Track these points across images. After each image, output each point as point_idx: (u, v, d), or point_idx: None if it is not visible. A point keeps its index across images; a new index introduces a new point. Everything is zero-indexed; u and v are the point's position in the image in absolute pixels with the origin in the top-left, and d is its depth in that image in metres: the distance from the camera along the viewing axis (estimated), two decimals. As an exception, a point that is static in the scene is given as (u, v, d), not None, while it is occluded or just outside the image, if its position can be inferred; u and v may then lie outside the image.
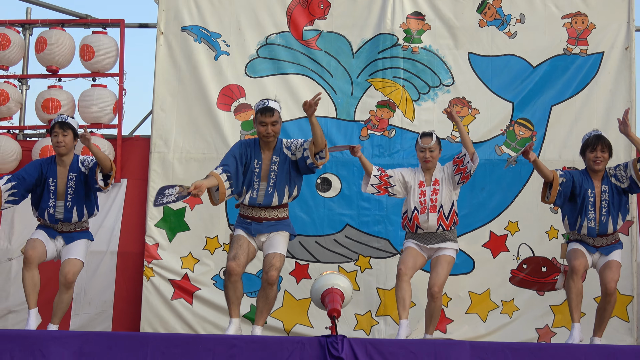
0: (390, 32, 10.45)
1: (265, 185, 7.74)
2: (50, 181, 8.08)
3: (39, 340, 6.73)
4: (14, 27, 11.03)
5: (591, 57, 10.34)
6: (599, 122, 10.07)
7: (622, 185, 7.94)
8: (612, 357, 6.60)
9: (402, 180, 8.21)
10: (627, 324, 9.96)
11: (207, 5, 10.61)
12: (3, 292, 10.55)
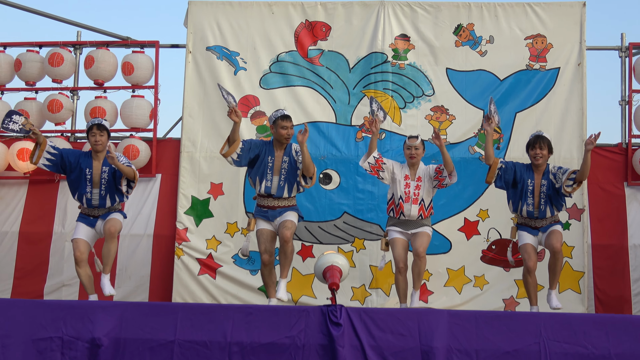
0: (381, 51, 10.41)
1: (278, 178, 8.07)
2: (86, 171, 8.16)
3: (88, 309, 6.70)
4: (66, 48, 10.98)
5: (549, 72, 10.27)
6: (556, 127, 10.11)
7: (557, 185, 7.99)
8: (567, 323, 6.51)
9: (391, 170, 8.27)
10: (579, 296, 9.92)
11: (228, 29, 10.58)
12: (58, 268, 10.47)
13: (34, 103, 10.92)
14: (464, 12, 10.43)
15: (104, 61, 10.81)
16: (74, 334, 6.48)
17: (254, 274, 10.11)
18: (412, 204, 8.18)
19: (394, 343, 6.39)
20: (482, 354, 6.35)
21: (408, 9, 10.46)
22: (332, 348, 6.35)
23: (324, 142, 10.11)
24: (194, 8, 10.66)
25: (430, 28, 10.42)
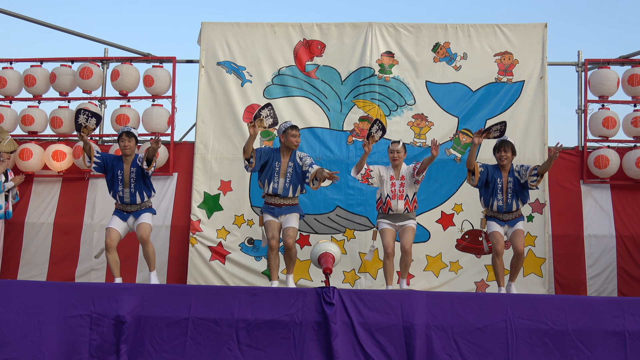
0: (369, 66, 10.40)
1: (284, 181, 8.22)
2: (118, 172, 8.30)
3: (113, 290, 6.72)
4: (95, 63, 10.94)
5: (515, 84, 10.26)
6: (521, 132, 10.12)
7: (522, 180, 8.13)
8: (530, 302, 6.54)
9: (378, 174, 8.35)
10: (541, 279, 9.92)
11: (235, 46, 10.57)
12: (88, 255, 10.45)
13: (67, 111, 10.88)
14: (441, 32, 10.43)
15: (127, 74, 10.81)
16: (101, 312, 6.49)
17: (258, 259, 10.14)
18: (399, 199, 8.29)
19: (379, 320, 6.40)
20: (456, 330, 6.36)
21: (392, 29, 10.46)
22: (326, 324, 6.36)
23: (319, 146, 10.12)
24: (206, 28, 10.67)
25: (411, 46, 10.42)
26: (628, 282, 9.93)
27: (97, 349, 6.43)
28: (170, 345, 6.42)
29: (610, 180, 10.28)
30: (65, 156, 10.65)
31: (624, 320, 6.30)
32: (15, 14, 11.24)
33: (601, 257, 10.03)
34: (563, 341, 6.30)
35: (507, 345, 6.32)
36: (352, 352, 6.35)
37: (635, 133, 10.26)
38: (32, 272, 10.43)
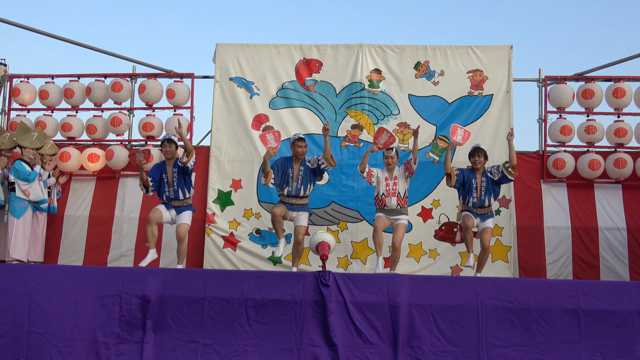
0: (360, 81, 10.39)
1: (296, 184, 8.39)
2: (164, 176, 8.46)
3: (140, 273, 6.71)
4: (125, 78, 10.94)
5: (485, 97, 10.25)
6: (490, 139, 10.12)
7: (495, 178, 8.33)
8: (497, 284, 6.55)
9: (377, 176, 8.45)
10: (507, 264, 9.91)
11: (245, 64, 10.56)
12: (118, 243, 10.47)
13: (100, 120, 10.88)
14: (422, 52, 10.41)
15: (153, 88, 10.78)
16: (130, 292, 6.49)
17: (264, 247, 10.12)
18: (392, 196, 8.36)
19: (369, 299, 6.40)
20: (435, 307, 6.36)
21: (380, 50, 10.45)
22: (323, 303, 6.36)
23: (316, 150, 10.09)
24: (220, 49, 10.66)
25: (396, 64, 10.40)
26: (581, 267, 9.93)
27: (126, 324, 6.42)
28: (189, 321, 6.42)
29: (566, 180, 10.27)
30: (99, 158, 10.65)
31: (578, 300, 6.30)
32: (58, 37, 11.23)
33: (559, 245, 10.04)
34: (526, 318, 6.30)
35: (478, 321, 6.32)
36: (345, 327, 6.35)
37: (587, 139, 10.26)
38: (70, 258, 10.42)
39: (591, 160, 10.07)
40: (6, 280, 6.54)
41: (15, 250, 9.52)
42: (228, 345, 6.32)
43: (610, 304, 6.26)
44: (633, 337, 6.17)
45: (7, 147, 9.99)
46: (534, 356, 6.22)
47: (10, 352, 6.31)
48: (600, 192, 10.28)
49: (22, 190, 9.57)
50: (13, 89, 11.09)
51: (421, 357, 6.26)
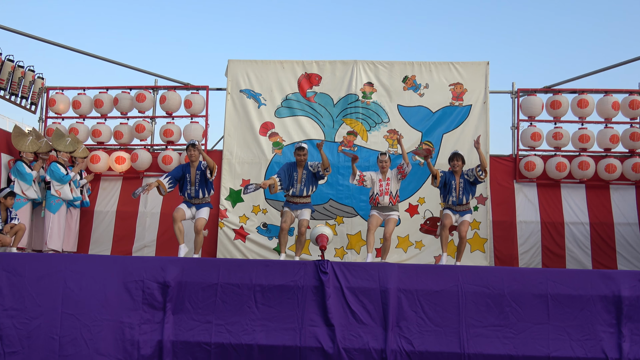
0: (355, 93, 10.38)
1: (300, 185, 8.48)
2: (187, 176, 8.47)
3: (161, 262, 6.70)
4: (148, 90, 10.94)
5: (465, 107, 10.26)
6: (469, 144, 10.01)
7: (470, 179, 8.36)
8: (475, 272, 6.55)
9: (371, 178, 8.52)
10: (484, 254, 9.93)
11: (254, 77, 10.56)
12: (141, 235, 10.51)
13: (126, 127, 10.89)
14: (409, 68, 10.40)
15: (172, 99, 10.80)
16: (152, 278, 6.49)
17: (270, 239, 10.12)
18: (385, 195, 8.42)
19: (362, 285, 6.40)
20: (420, 292, 6.36)
21: (372, 66, 10.45)
22: (322, 288, 6.36)
23: (316, 153, 10.06)
24: (232, 64, 10.65)
25: (387, 78, 10.40)
26: (549, 257, 9.94)
27: (148, 306, 6.42)
28: (204, 304, 6.42)
29: (536, 180, 10.29)
30: (125, 160, 10.67)
31: (546, 286, 6.31)
32: (89, 53, 11.22)
33: (529, 238, 10.05)
34: (500, 301, 6.30)
35: (458, 304, 6.32)
36: (341, 309, 6.35)
37: (555, 144, 10.27)
38: (100, 248, 10.43)
39: (558, 163, 10.09)
40: (43, 268, 6.54)
41: (52, 241, 9.57)
42: (238, 325, 6.32)
43: (575, 289, 6.27)
44: (595, 318, 6.18)
45: (44, 150, 10.01)
46: (508, 335, 6.22)
47: (46, 331, 6.32)
48: (566, 191, 10.29)
49: (56, 190, 9.60)
50: (49, 99, 11.13)
51: (408, 336, 6.26)
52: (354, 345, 6.23)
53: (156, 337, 6.34)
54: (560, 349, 6.12)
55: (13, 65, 10.36)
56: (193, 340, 6.32)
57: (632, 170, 9.99)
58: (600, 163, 10.12)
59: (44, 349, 6.28)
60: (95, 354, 6.26)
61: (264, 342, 6.26)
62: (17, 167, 9.48)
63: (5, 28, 10.28)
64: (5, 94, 10.38)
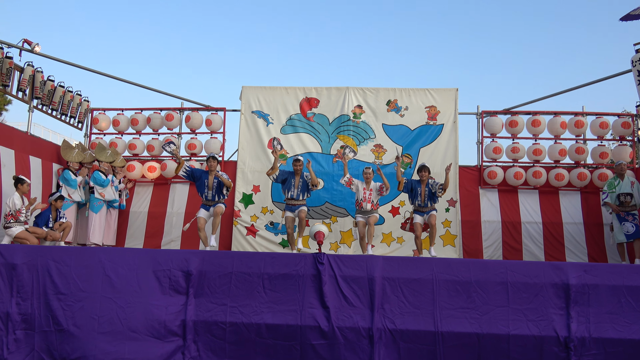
0: (347, 114, 10.35)
1: (297, 190, 8.51)
2: (205, 181, 8.47)
3: (185, 254, 6.59)
4: (175, 111, 10.92)
5: (438, 126, 10.22)
6: (441, 157, 10.17)
7: (432, 190, 8.38)
8: (447, 263, 6.44)
9: (357, 185, 8.60)
10: (454, 248, 9.89)
11: (263, 101, 10.51)
12: (169, 232, 10.43)
13: (157, 141, 10.84)
14: (392, 93, 10.37)
15: (195, 118, 10.77)
16: (177, 267, 6.41)
17: (276, 235, 10.07)
18: (367, 202, 8.48)
19: (353, 274, 6.32)
20: (401, 280, 6.29)
21: (361, 91, 10.41)
22: (319, 276, 6.29)
23: (315, 163, 10.05)
24: (245, 90, 10.60)
25: (373, 101, 10.36)
26: (509, 251, 9.90)
27: (174, 291, 6.34)
28: (220, 289, 6.34)
29: (497, 187, 10.26)
30: (156, 169, 10.64)
31: (506, 275, 6.24)
32: (127, 80, 11.24)
33: (492, 234, 10.01)
34: (468, 288, 6.23)
35: (433, 290, 6.25)
36: (335, 294, 6.28)
37: (513, 157, 10.24)
38: (134, 243, 10.36)
39: (516, 172, 10.06)
40: (87, 259, 6.47)
41: (94, 236, 9.55)
42: (249, 307, 6.24)
43: (530, 278, 6.20)
44: (547, 302, 6.11)
45: (88, 161, 10.01)
46: (474, 316, 6.15)
47: (88, 312, 6.24)
48: (522, 196, 10.25)
49: (99, 193, 9.58)
50: (93, 118, 11.10)
51: (391, 317, 6.19)
52: (345, 324, 6.15)
53: (180, 317, 6.26)
54: (519, 328, 6.04)
55: (64, 90, 10.34)
56: (211, 320, 6.24)
57: (578, 178, 9.97)
58: (551, 172, 10.09)
59: (86, 327, 6.20)
60: (129, 331, 6.17)
61: (271, 321, 6.18)
62: (65, 174, 9.46)
63: (58, 59, 10.26)
64: (57, 114, 10.38)
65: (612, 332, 5.98)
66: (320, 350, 6.10)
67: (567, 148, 10.20)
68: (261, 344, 6.16)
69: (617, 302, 6.07)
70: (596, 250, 9.76)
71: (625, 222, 8.58)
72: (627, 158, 9.97)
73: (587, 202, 10.06)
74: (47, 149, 9.88)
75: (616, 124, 10.13)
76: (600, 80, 10.40)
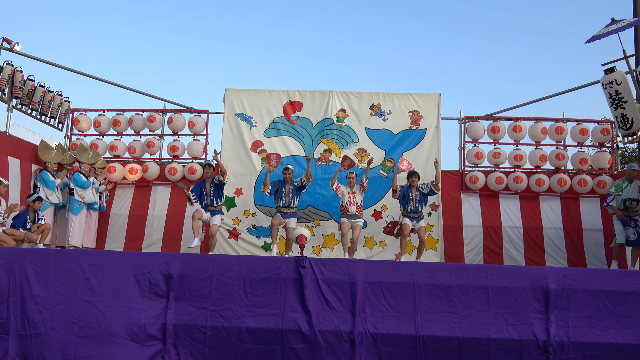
0: (330, 117, 10.34)
1: (288, 198, 8.64)
2: (203, 189, 8.75)
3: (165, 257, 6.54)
4: (157, 112, 10.83)
5: (421, 130, 10.26)
6: (424, 160, 10.18)
7: (425, 191, 8.55)
8: (429, 267, 6.47)
9: (342, 190, 8.68)
10: (436, 252, 9.94)
11: (246, 103, 10.45)
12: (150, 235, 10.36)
13: (139, 143, 10.75)
14: (375, 97, 10.39)
15: (178, 120, 10.68)
16: (157, 270, 6.36)
17: (258, 238, 10.03)
18: (352, 205, 8.57)
19: (334, 277, 6.33)
20: (383, 284, 6.30)
21: (345, 95, 10.42)
22: (301, 280, 6.28)
23: (298, 167, 10.03)
24: (228, 92, 10.54)
25: (357, 105, 10.37)
26: (490, 255, 9.97)
27: (154, 294, 6.29)
28: (201, 293, 6.30)
29: (479, 191, 10.33)
30: (137, 171, 10.56)
31: (487, 279, 6.29)
32: (109, 81, 11.15)
33: (473, 239, 10.07)
34: (449, 292, 6.27)
35: (414, 294, 6.28)
36: (317, 298, 6.27)
37: (494, 162, 10.32)
38: (114, 245, 10.24)
39: (497, 177, 10.14)
40: (66, 261, 6.39)
41: (73, 238, 9.44)
42: (230, 311, 6.21)
43: (511, 282, 6.25)
44: (527, 306, 6.16)
45: (68, 162, 9.90)
46: (455, 320, 6.18)
47: (67, 315, 6.17)
48: (503, 201, 10.33)
49: (79, 195, 9.48)
50: (74, 119, 10.98)
51: (372, 320, 6.20)
52: (327, 328, 6.15)
53: (160, 321, 6.21)
54: (499, 332, 6.09)
55: (44, 90, 10.21)
56: (191, 324, 6.20)
57: (558, 184, 10.08)
58: (531, 178, 10.19)
59: (65, 330, 6.12)
60: (108, 335, 6.10)
61: (252, 325, 6.16)
62: (42, 175, 9.34)
63: (38, 59, 10.14)
64: (37, 114, 10.25)
65: (591, 336, 6.05)
66: (302, 354, 6.10)
67: (548, 154, 10.31)
68: (242, 348, 6.13)
69: (596, 307, 6.15)
70: (575, 255, 9.87)
71: (627, 227, 8.33)
72: (606, 164, 10.11)
73: (567, 207, 10.17)
74: (26, 149, 9.75)
75: (596, 131, 10.27)
76: (581, 87, 10.54)
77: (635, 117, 7.69)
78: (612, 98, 7.77)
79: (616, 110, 7.79)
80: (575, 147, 10.38)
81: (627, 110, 7.69)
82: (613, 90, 7.73)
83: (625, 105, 7.69)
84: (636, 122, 7.72)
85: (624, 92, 7.65)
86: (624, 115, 7.75)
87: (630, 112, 7.68)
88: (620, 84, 7.66)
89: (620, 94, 7.67)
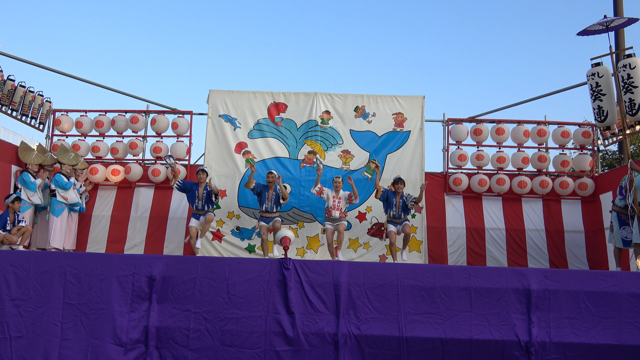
0: (315, 119, 10.36)
1: (271, 203, 8.80)
2: (196, 192, 9.01)
3: (148, 259, 6.48)
4: (140, 113, 10.78)
5: (405, 132, 10.32)
6: (407, 163, 10.26)
7: (407, 203, 8.67)
8: (412, 269, 6.49)
9: (327, 194, 8.83)
10: (420, 254, 10.00)
11: (231, 105, 10.43)
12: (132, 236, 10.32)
13: (122, 144, 10.68)
14: (360, 99, 10.43)
15: (161, 121, 10.64)
16: (140, 272, 6.31)
17: (242, 240, 10.00)
18: (336, 210, 8.73)
19: (318, 279, 6.33)
20: (367, 285, 6.31)
21: (329, 97, 10.44)
22: (285, 282, 6.28)
23: (282, 169, 10.04)
24: (212, 93, 10.51)
25: (341, 107, 10.39)
26: (473, 256, 10.04)
27: (136, 297, 6.25)
28: (184, 295, 6.27)
29: (462, 193, 10.40)
30: (120, 173, 10.49)
31: (469, 280, 6.33)
32: (91, 82, 11.07)
33: (457, 240, 10.14)
34: (432, 293, 6.30)
35: (398, 295, 6.30)
36: (301, 300, 6.27)
37: (477, 164, 10.41)
38: (96, 247, 10.16)
39: (480, 180, 10.23)
40: (47, 263, 6.33)
41: (54, 240, 9.35)
42: (213, 314, 6.19)
43: (493, 283, 6.30)
44: (509, 307, 6.22)
45: (49, 163, 9.80)
46: (438, 321, 6.21)
47: (49, 318, 6.11)
48: (486, 202, 10.42)
49: (61, 196, 9.40)
50: (55, 120, 10.89)
51: (356, 322, 6.21)
52: (311, 330, 6.15)
53: (143, 324, 6.16)
54: (482, 333, 6.14)
55: (24, 90, 10.10)
56: (174, 326, 6.16)
57: (540, 186, 10.19)
58: (514, 180, 10.29)
59: (47, 333, 6.06)
60: (91, 338, 6.06)
61: (235, 327, 6.15)
62: (23, 176, 9.24)
63: (18, 59, 10.05)
64: (17, 114, 10.13)
65: (572, 336, 6.12)
66: (285, 357, 6.09)
67: (530, 156, 10.42)
68: (225, 351, 6.11)
69: (577, 308, 6.22)
70: (557, 256, 9.99)
71: (625, 226, 8.05)
72: (587, 167, 10.25)
73: (549, 209, 10.29)
74: (6, 150, 9.63)
75: (577, 133, 10.40)
76: (563, 90, 10.69)
77: (611, 111, 7.92)
78: (593, 89, 8.04)
79: (594, 102, 8.04)
80: (557, 150, 10.51)
81: (604, 103, 7.94)
82: (594, 82, 7.98)
83: (603, 98, 7.93)
84: (611, 116, 7.97)
85: (604, 86, 7.92)
86: (600, 107, 8.00)
87: (607, 105, 7.94)
88: (602, 77, 7.90)
89: (599, 87, 7.93)
